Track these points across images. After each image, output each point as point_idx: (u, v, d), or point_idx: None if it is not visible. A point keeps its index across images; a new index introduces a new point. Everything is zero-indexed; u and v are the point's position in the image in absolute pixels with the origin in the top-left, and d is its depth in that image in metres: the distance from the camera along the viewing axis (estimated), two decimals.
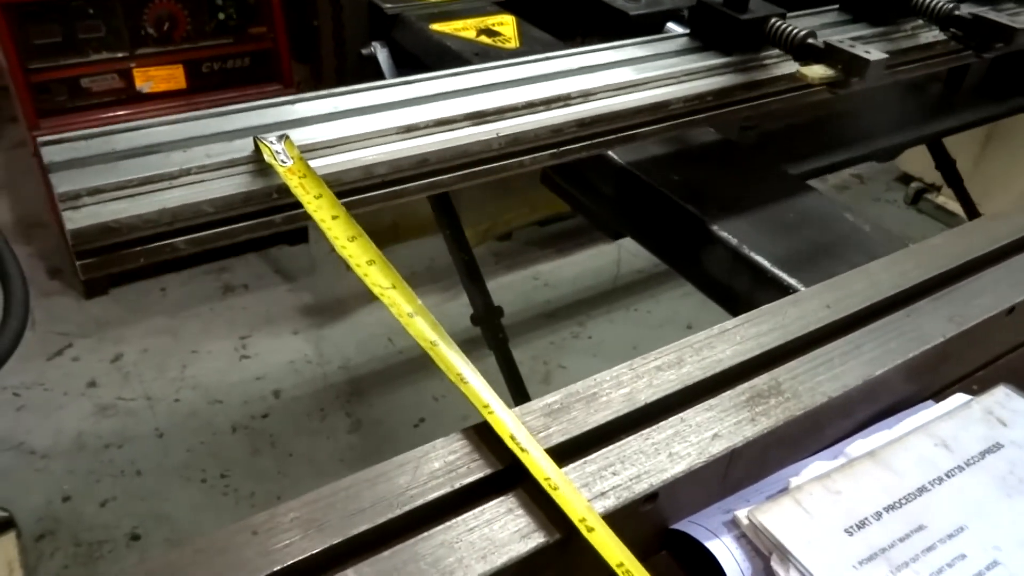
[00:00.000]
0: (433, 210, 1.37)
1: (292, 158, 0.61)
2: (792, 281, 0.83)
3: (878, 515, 0.48)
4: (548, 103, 0.75)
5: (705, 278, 0.93)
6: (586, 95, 0.78)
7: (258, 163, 0.62)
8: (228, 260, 2.36)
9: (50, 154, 0.61)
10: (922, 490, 0.51)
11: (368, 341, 2.16)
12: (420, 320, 0.52)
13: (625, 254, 2.55)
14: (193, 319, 2.18)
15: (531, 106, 0.74)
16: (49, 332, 2.07)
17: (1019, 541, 0.48)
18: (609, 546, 0.42)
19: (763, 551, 0.47)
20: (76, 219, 0.56)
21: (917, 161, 2.77)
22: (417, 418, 1.96)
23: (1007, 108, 1.39)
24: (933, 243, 0.71)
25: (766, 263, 0.85)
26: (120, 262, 0.59)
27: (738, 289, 0.89)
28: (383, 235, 2.25)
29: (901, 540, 0.47)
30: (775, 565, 0.46)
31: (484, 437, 0.48)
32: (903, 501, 0.50)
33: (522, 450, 0.45)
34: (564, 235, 2.60)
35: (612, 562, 0.42)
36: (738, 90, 0.87)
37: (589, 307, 2.40)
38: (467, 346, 0.53)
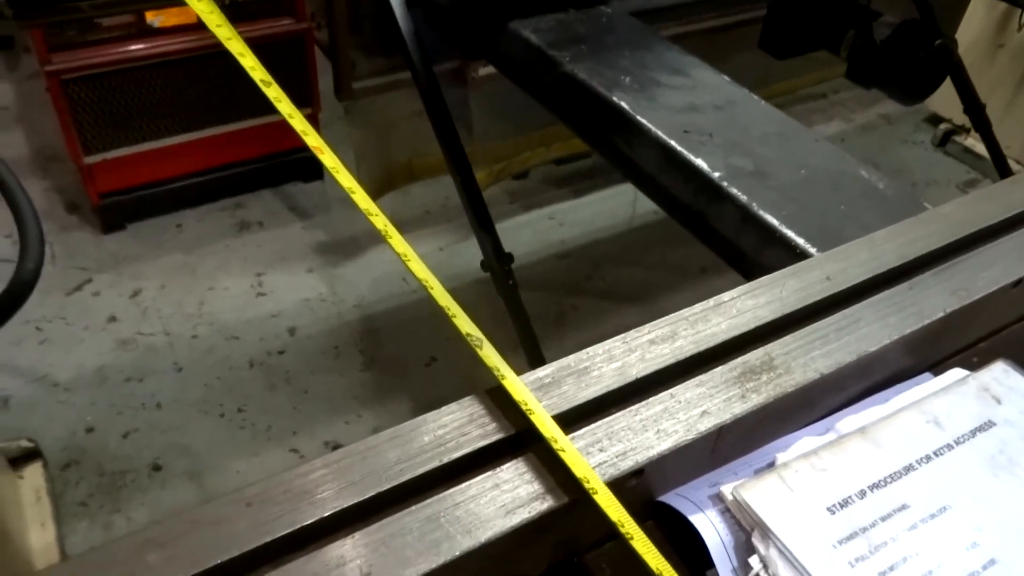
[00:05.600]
0: (444, 155, 1.35)
1: None
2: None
3: (862, 493, 0.49)
4: None
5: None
6: None
7: None
8: (243, 196, 2.37)
9: None
10: (909, 468, 0.51)
11: (382, 280, 2.17)
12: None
13: (642, 196, 2.52)
14: (209, 256, 2.20)
15: None
16: (69, 267, 2.10)
17: (1000, 522, 0.49)
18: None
19: (745, 527, 0.48)
20: None
21: (947, 101, 2.69)
22: (429, 357, 1.99)
23: None
24: (944, 211, 0.70)
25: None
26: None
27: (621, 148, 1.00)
28: (397, 174, 2.24)
29: (883, 519, 0.48)
30: (755, 541, 0.47)
31: (474, 410, 0.48)
32: (888, 480, 0.50)
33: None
34: (580, 175, 2.57)
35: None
36: None
37: (604, 248, 2.39)
38: (479, 287, 0.54)
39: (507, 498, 0.44)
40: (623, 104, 1.03)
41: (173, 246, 2.21)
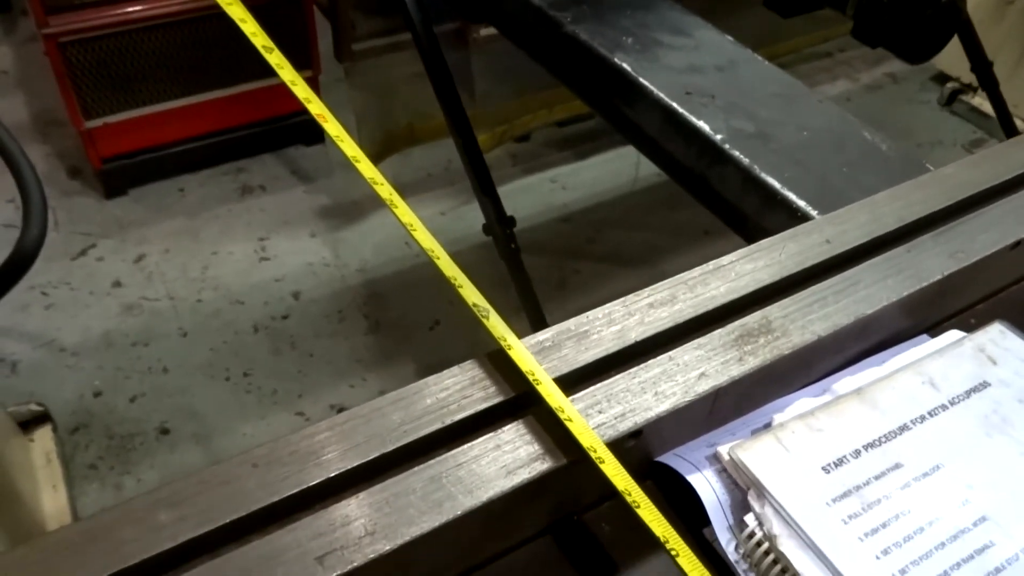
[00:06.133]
0: (445, 117, 1.35)
1: None
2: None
3: (856, 453, 0.50)
4: None
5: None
6: None
7: None
8: (245, 160, 2.36)
9: None
10: (903, 428, 0.52)
11: (385, 244, 2.18)
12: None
13: (644, 158, 2.51)
14: (212, 220, 2.20)
15: None
16: (72, 232, 2.11)
17: (992, 480, 0.50)
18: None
19: (741, 486, 0.49)
20: None
21: (954, 60, 2.65)
22: (432, 320, 2.00)
23: None
24: (945, 173, 0.70)
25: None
26: None
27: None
28: (398, 137, 2.22)
29: (876, 478, 0.49)
30: (751, 500, 0.48)
31: (475, 374, 0.49)
32: (883, 439, 0.51)
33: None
34: (583, 137, 2.56)
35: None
36: None
37: (606, 211, 2.39)
38: (481, 251, 0.55)
39: (508, 459, 0.45)
40: (624, 66, 1.02)
41: (176, 211, 2.21)
